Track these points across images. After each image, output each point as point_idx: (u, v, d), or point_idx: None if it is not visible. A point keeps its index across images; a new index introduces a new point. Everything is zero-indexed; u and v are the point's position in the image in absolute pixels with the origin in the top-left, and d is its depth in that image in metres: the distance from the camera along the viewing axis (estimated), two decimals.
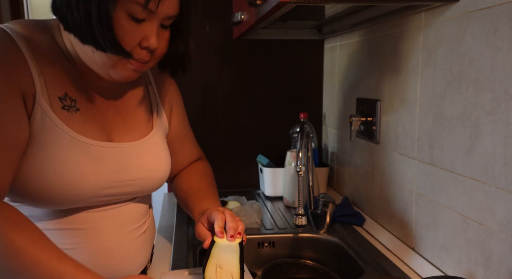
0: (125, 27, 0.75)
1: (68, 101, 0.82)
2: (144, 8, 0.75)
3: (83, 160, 0.81)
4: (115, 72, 0.81)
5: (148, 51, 0.80)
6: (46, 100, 0.78)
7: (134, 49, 0.78)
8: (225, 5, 1.65)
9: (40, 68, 0.79)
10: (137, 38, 0.77)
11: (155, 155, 0.94)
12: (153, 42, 0.79)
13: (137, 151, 0.90)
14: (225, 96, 1.78)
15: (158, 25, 0.79)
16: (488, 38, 0.84)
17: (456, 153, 0.95)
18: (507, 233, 0.81)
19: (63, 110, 0.81)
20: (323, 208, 1.31)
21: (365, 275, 1.06)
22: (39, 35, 0.81)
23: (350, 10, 1.29)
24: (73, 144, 0.80)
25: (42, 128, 0.78)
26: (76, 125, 0.81)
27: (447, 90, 0.97)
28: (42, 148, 0.77)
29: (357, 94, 1.46)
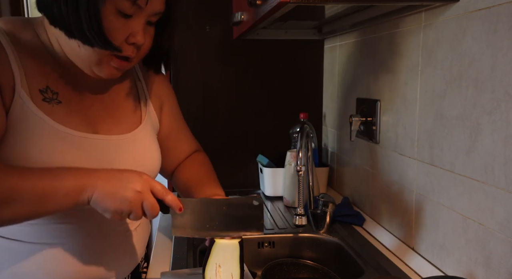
0: (113, 22, 0.76)
1: (49, 93, 0.82)
2: (133, 4, 0.76)
3: (66, 149, 0.80)
4: (99, 69, 0.81)
5: (134, 47, 0.81)
6: (26, 91, 0.79)
7: (121, 44, 0.78)
8: (225, 5, 1.65)
9: (20, 60, 0.79)
10: (124, 33, 0.78)
11: (142, 149, 0.93)
12: (140, 38, 0.79)
13: (124, 144, 0.90)
14: (225, 96, 1.77)
15: (145, 21, 0.80)
16: (488, 38, 0.84)
17: (456, 153, 0.95)
18: (507, 233, 0.81)
19: (44, 102, 0.81)
20: (323, 208, 1.31)
21: (365, 275, 1.06)
22: (21, 30, 0.82)
23: (350, 10, 1.29)
24: (54, 133, 0.80)
25: (23, 118, 0.78)
26: (58, 116, 0.81)
27: (447, 90, 0.97)
28: (23, 138, 0.77)
29: (357, 94, 1.46)
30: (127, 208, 0.75)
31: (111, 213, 0.75)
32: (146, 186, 0.76)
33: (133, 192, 0.74)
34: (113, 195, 0.74)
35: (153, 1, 0.78)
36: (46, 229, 0.83)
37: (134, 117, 0.95)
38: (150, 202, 0.76)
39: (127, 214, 0.76)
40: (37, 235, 0.83)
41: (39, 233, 0.83)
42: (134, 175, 0.77)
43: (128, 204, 0.74)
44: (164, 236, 1.31)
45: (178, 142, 1.10)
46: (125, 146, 0.90)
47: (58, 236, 0.84)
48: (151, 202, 0.76)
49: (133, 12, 0.77)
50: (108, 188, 0.74)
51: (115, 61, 0.81)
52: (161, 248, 1.23)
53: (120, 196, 0.74)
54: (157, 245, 1.25)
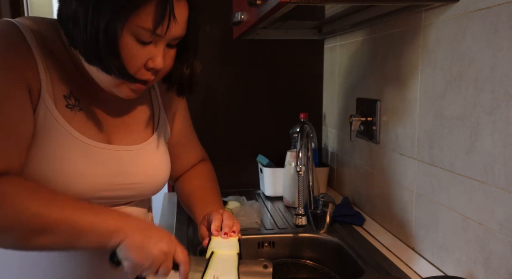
0: (131, 50, 0.75)
1: (72, 100, 0.82)
2: (152, 33, 0.75)
3: (82, 160, 0.81)
4: (118, 91, 0.81)
5: (153, 72, 0.80)
6: (51, 96, 0.78)
7: (139, 70, 0.78)
8: (225, 5, 1.65)
9: (47, 64, 0.78)
10: (142, 60, 0.77)
11: (154, 160, 0.93)
12: (159, 63, 0.78)
13: (137, 155, 0.90)
14: (225, 96, 1.77)
15: (164, 47, 0.79)
16: (488, 38, 0.84)
17: (456, 153, 0.95)
18: (507, 233, 0.81)
19: (67, 108, 0.80)
20: (323, 208, 1.31)
21: (365, 275, 1.06)
22: (47, 32, 0.81)
23: (350, 10, 1.29)
24: (73, 143, 0.80)
25: (44, 124, 0.78)
26: (78, 124, 0.81)
27: (447, 90, 0.97)
28: (42, 144, 0.77)
29: (357, 94, 1.46)
30: (148, 264, 0.75)
31: (131, 263, 0.75)
32: (172, 249, 0.77)
33: (160, 252, 0.75)
34: (141, 248, 0.74)
35: (172, 29, 0.76)
36: None
37: (147, 126, 0.95)
38: (168, 265, 0.78)
39: (144, 269, 0.76)
40: None
41: None
42: (164, 235, 0.78)
43: (151, 261, 0.75)
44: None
45: (185, 150, 1.10)
46: (137, 158, 0.90)
47: None
48: (168, 266, 0.78)
49: (152, 40, 0.76)
50: (139, 240, 0.75)
51: (134, 85, 0.80)
52: None
53: (147, 251, 0.74)
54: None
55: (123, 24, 0.71)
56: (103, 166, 0.84)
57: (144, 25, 0.73)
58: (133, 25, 0.73)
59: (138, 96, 0.85)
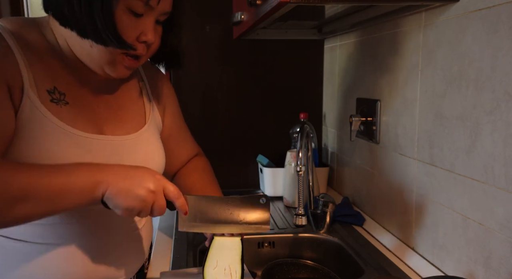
0: (125, 21, 0.77)
1: (56, 94, 0.82)
2: (146, 4, 0.78)
3: (72, 151, 0.81)
4: (111, 68, 0.82)
5: (145, 45, 0.82)
6: (35, 92, 0.79)
7: (132, 43, 0.80)
8: (225, 5, 1.65)
9: (28, 61, 0.79)
10: (136, 32, 0.80)
11: (148, 149, 0.94)
12: (151, 36, 0.81)
13: (130, 145, 0.90)
14: (225, 96, 1.77)
15: (154, 20, 0.82)
16: (488, 38, 0.84)
17: (456, 153, 0.95)
18: (507, 233, 0.81)
19: (52, 102, 0.81)
20: (323, 208, 1.31)
21: (365, 275, 1.06)
22: (27, 31, 0.82)
23: (350, 10, 1.29)
24: (62, 135, 0.80)
25: (31, 120, 0.78)
26: (65, 117, 0.81)
27: (447, 90, 0.97)
28: (31, 139, 0.77)
29: (357, 94, 1.46)
30: (138, 206, 0.75)
31: (122, 209, 0.75)
32: (159, 186, 0.77)
33: (147, 191, 0.75)
34: (126, 193, 0.74)
35: (163, 1, 0.80)
36: (52, 230, 0.83)
37: (139, 117, 0.96)
38: (160, 203, 0.77)
39: (137, 211, 0.76)
40: (43, 236, 0.83)
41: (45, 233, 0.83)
42: (148, 174, 0.78)
43: (140, 202, 0.75)
44: (164, 236, 1.31)
45: (179, 144, 1.10)
46: (130, 147, 0.90)
47: (65, 236, 0.84)
48: (161, 204, 0.77)
49: (144, 12, 0.79)
50: (122, 185, 0.75)
51: (126, 60, 0.82)
52: (161, 248, 1.23)
53: (133, 194, 0.74)
54: (157, 245, 1.25)
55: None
56: (96, 156, 0.83)
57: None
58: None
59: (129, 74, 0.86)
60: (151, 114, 0.99)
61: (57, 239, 0.84)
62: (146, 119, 0.97)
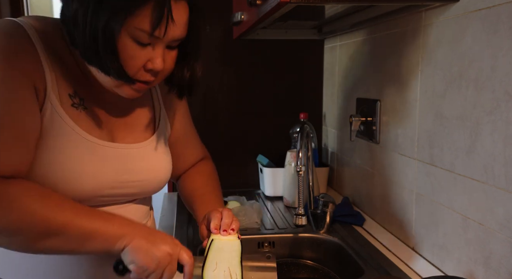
0: (130, 51, 0.75)
1: (77, 99, 0.82)
2: (150, 35, 0.74)
3: (88, 158, 0.81)
4: (120, 91, 0.81)
5: (152, 73, 0.80)
6: (56, 96, 0.79)
7: (138, 72, 0.78)
8: (225, 5, 1.65)
9: (51, 63, 0.79)
10: (141, 61, 0.77)
11: (157, 158, 0.94)
12: (158, 65, 0.78)
13: (140, 153, 0.90)
14: (225, 96, 1.77)
15: (164, 48, 0.79)
16: (488, 38, 0.84)
17: (456, 153, 0.95)
18: (507, 233, 0.81)
19: (72, 107, 0.81)
20: (323, 208, 1.31)
21: (365, 275, 1.06)
22: (50, 31, 0.81)
23: (350, 10, 1.29)
24: (79, 141, 0.80)
25: (51, 123, 0.78)
26: (83, 123, 0.82)
27: (447, 90, 0.97)
28: (49, 143, 0.78)
29: (357, 94, 1.46)
30: (153, 266, 0.75)
31: (137, 266, 0.75)
32: (176, 251, 0.78)
33: (164, 253, 0.76)
34: (146, 250, 0.75)
35: (170, 31, 0.76)
36: None
37: (148, 126, 0.95)
38: (173, 268, 0.78)
39: (150, 273, 0.76)
40: None
41: None
42: (168, 238, 0.79)
43: (156, 263, 0.75)
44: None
45: (186, 148, 1.10)
46: (140, 156, 0.90)
47: None
48: (173, 269, 0.78)
49: (151, 41, 0.76)
50: (144, 243, 0.75)
51: (136, 85, 0.80)
52: None
53: (152, 253, 0.75)
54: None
55: (120, 25, 0.72)
56: (109, 164, 0.84)
57: (142, 27, 0.73)
58: (131, 26, 0.73)
59: (140, 95, 0.85)
60: (161, 121, 0.98)
61: None
62: (155, 127, 0.96)
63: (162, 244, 0.76)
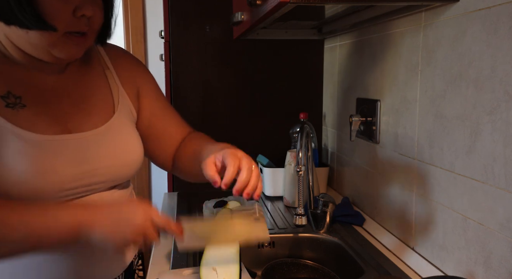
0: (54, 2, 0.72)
1: (11, 98, 0.79)
2: None
3: (34, 156, 0.78)
4: (58, 51, 0.78)
5: (85, 22, 0.77)
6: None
7: (69, 21, 0.75)
8: (225, 5, 1.65)
9: None
10: (68, 8, 0.74)
11: (119, 141, 0.90)
12: (88, 9, 0.75)
13: (98, 139, 0.87)
14: (225, 96, 1.77)
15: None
16: (488, 38, 0.84)
17: (456, 153, 0.95)
18: (507, 233, 0.81)
19: (7, 108, 0.78)
20: (323, 208, 1.31)
21: (365, 275, 1.06)
22: None
23: (350, 10, 1.29)
24: (19, 141, 0.77)
25: None
26: (24, 122, 0.79)
27: (447, 90, 0.97)
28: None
29: (357, 94, 1.46)
30: (128, 242, 0.74)
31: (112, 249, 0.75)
32: (147, 219, 0.75)
33: (134, 228, 0.74)
34: (114, 233, 0.73)
35: None
36: None
37: (106, 108, 0.91)
38: (151, 236, 0.76)
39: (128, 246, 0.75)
40: None
41: None
42: (134, 208, 0.76)
43: (130, 239, 0.74)
44: (164, 236, 1.31)
45: (166, 124, 1.04)
46: (100, 141, 0.87)
47: None
48: (151, 237, 0.76)
49: None
50: (108, 225, 0.73)
51: (72, 38, 0.77)
52: (161, 247, 1.23)
53: (121, 233, 0.73)
54: (157, 245, 1.25)
55: None
56: (62, 157, 0.81)
57: None
58: None
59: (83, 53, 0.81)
60: (120, 103, 0.93)
61: None
62: (115, 109, 0.92)
63: (129, 218, 0.74)
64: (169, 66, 1.73)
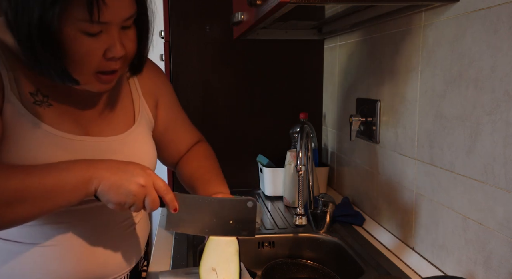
0: (83, 47, 0.73)
1: (40, 96, 0.81)
2: (91, 22, 0.70)
3: (58, 153, 0.80)
4: (89, 87, 0.80)
5: (115, 61, 0.77)
6: (16, 95, 0.78)
7: (99, 64, 0.76)
8: (225, 5, 1.65)
9: (9, 64, 0.78)
10: (99, 52, 0.75)
11: (136, 149, 0.92)
12: (118, 50, 0.75)
13: (116, 145, 0.89)
14: (225, 96, 1.77)
15: (118, 31, 0.75)
16: (488, 38, 0.84)
17: (456, 153, 0.95)
18: (507, 233, 0.81)
19: (35, 105, 0.80)
20: (323, 208, 1.31)
21: (365, 275, 1.06)
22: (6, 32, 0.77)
23: (350, 10, 1.29)
24: (46, 136, 0.79)
25: (13, 123, 0.77)
26: (49, 119, 0.80)
27: (447, 90, 0.97)
28: (14, 143, 0.77)
29: (357, 94, 1.46)
30: (130, 201, 0.76)
31: (113, 204, 0.76)
32: (149, 181, 0.77)
33: (137, 186, 0.76)
34: (117, 188, 0.75)
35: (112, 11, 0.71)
36: (43, 230, 0.83)
37: (127, 116, 0.94)
38: (152, 197, 0.78)
39: (129, 206, 0.77)
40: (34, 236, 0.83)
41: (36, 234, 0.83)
42: (138, 169, 0.78)
43: (132, 197, 0.76)
44: (164, 236, 1.31)
45: (177, 133, 1.08)
46: (117, 147, 0.89)
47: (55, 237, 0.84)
48: (153, 198, 0.78)
49: (100, 28, 0.73)
50: (113, 181, 0.75)
51: (102, 77, 0.78)
52: (162, 247, 1.23)
53: (124, 189, 0.75)
54: (157, 244, 1.25)
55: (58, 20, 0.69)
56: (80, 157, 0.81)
57: (82, 16, 0.69)
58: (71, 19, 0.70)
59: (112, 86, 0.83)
60: (140, 112, 0.96)
61: (48, 240, 0.83)
62: (135, 118, 0.94)
63: (134, 176, 0.76)
64: (169, 66, 1.73)
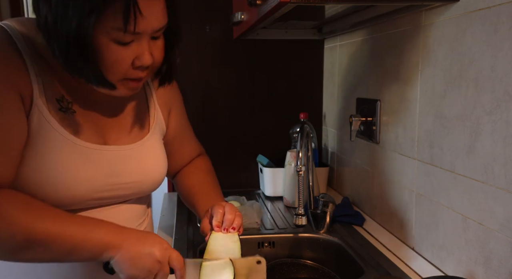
0: (114, 55, 0.74)
1: (65, 103, 0.81)
2: (125, 32, 0.72)
3: (79, 162, 0.80)
4: (115, 93, 0.81)
5: (142, 69, 0.79)
6: (43, 101, 0.78)
7: (128, 71, 0.77)
8: (225, 5, 1.65)
9: (38, 68, 0.78)
10: (129, 61, 0.76)
11: (150, 158, 0.93)
12: (147, 60, 0.77)
13: (132, 154, 0.89)
14: (225, 96, 1.77)
15: (148, 41, 0.77)
16: (488, 38, 0.84)
17: (456, 153, 0.95)
18: (507, 233, 0.81)
19: (60, 112, 0.80)
20: (323, 208, 1.31)
21: (365, 275, 1.06)
22: (35, 34, 0.78)
23: (350, 10, 1.29)
24: (69, 146, 0.80)
25: (38, 129, 0.77)
26: (72, 127, 0.81)
27: (447, 90, 0.97)
28: (38, 150, 0.77)
29: (357, 94, 1.46)
30: (143, 275, 0.76)
31: (126, 276, 0.76)
32: (166, 256, 0.78)
33: (153, 261, 0.76)
34: (134, 260, 0.75)
35: (146, 22, 0.73)
36: None
37: (143, 125, 0.94)
38: (164, 272, 0.78)
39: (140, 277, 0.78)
40: None
41: None
42: (157, 243, 0.78)
43: (146, 272, 0.76)
44: (164, 236, 1.31)
45: (182, 145, 1.09)
46: (133, 156, 0.89)
47: None
48: (165, 272, 0.79)
49: (132, 38, 0.74)
50: (131, 254, 0.75)
51: (128, 84, 0.79)
52: None
53: (140, 263, 0.75)
54: None
55: (92, 29, 0.70)
56: (98, 167, 0.83)
57: (116, 25, 0.71)
58: (106, 28, 0.71)
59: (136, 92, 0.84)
60: (155, 120, 0.97)
61: None
62: (150, 126, 0.95)
63: (151, 251, 0.76)
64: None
